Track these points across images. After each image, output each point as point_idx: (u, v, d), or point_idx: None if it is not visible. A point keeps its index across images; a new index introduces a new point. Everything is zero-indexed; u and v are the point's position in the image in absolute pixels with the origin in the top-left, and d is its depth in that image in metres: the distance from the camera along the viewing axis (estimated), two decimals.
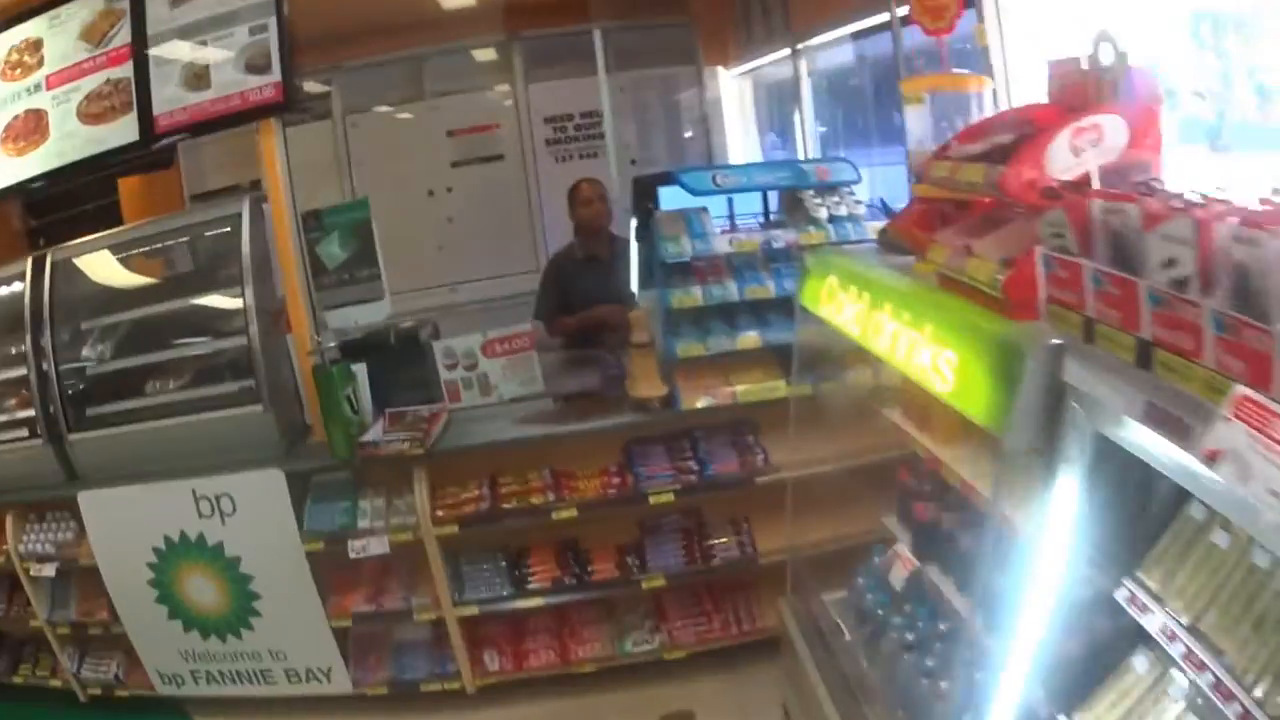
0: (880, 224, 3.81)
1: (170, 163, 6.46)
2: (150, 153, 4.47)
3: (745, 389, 3.93)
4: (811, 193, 4.01)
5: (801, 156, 6.14)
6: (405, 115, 7.12)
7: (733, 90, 7.34)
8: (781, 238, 3.87)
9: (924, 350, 2.13)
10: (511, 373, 4.14)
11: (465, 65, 7.16)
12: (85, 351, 4.44)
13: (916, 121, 3.21)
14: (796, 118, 6.32)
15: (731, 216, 4.08)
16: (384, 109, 7.14)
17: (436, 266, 6.99)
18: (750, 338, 3.89)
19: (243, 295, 4.06)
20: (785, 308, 3.73)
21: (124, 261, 4.52)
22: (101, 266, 4.50)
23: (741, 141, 7.43)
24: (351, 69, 6.92)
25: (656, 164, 6.80)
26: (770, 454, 4.01)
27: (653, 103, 7.31)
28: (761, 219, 4.22)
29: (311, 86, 6.58)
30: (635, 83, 7.14)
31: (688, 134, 7.37)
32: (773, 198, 4.28)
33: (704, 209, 3.98)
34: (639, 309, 3.91)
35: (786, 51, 6.27)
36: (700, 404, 3.93)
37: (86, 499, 4.14)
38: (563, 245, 5.24)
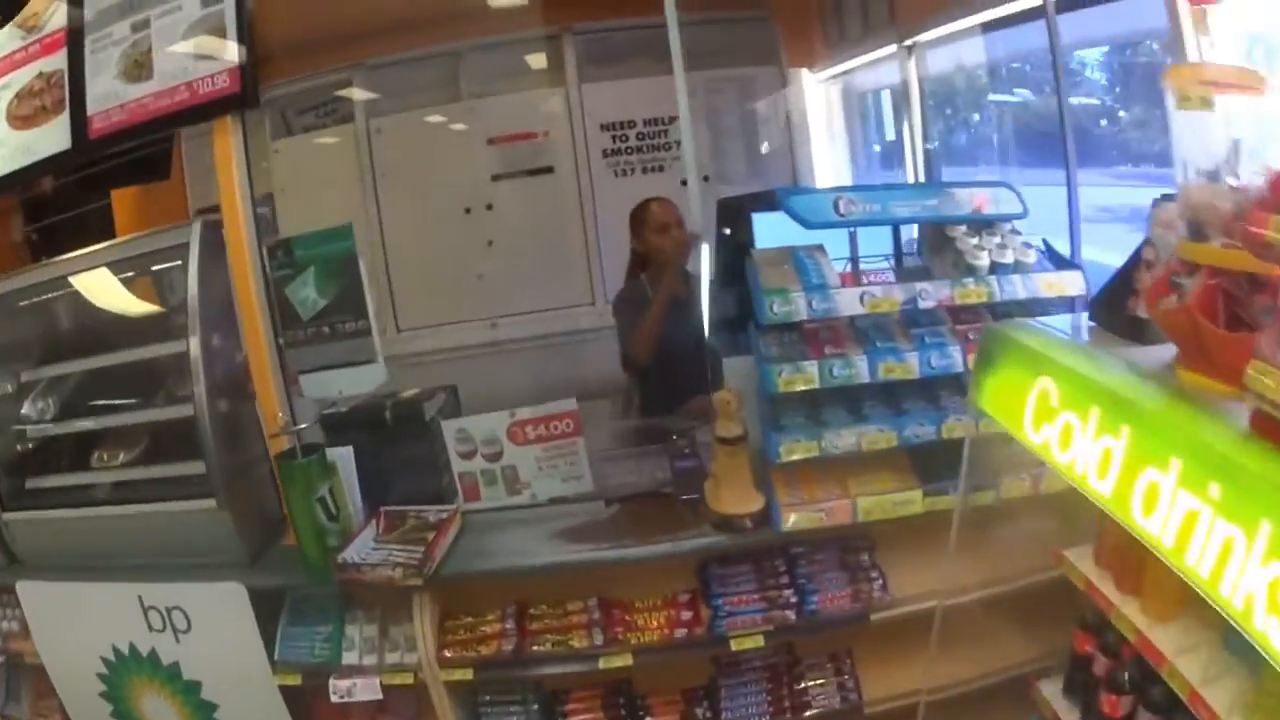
0: (1056, 278, 2.80)
1: (167, 173, 5.44)
2: (138, 160, 3.88)
3: (869, 503, 2.83)
4: (964, 229, 2.89)
5: (910, 178, 5.01)
6: (439, 119, 5.97)
7: (819, 96, 6.17)
8: (931, 294, 2.73)
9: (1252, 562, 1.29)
10: (549, 466, 3.07)
11: (509, 62, 5.97)
12: (25, 409, 3.52)
13: (1195, 135, 1.96)
14: (905, 129, 5.16)
15: (855, 260, 2.95)
16: (414, 112, 6.01)
17: (474, 297, 5.80)
18: (883, 436, 2.77)
19: (188, 350, 3.08)
20: (925, 391, 2.81)
21: (71, 299, 3.56)
22: (47, 305, 3.59)
23: (830, 158, 6.23)
24: (376, 66, 5.85)
25: (731, 182, 5.68)
26: (889, 577, 2.97)
27: (726, 110, 6.14)
28: (891, 263, 3.09)
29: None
30: (705, 86, 5.96)
31: (763, 147, 6.21)
32: (900, 233, 3.21)
33: (820, 247, 2.88)
34: (727, 391, 2.79)
35: (890, 48, 5.10)
36: (806, 524, 2.82)
37: (27, 590, 3.36)
38: (625, 283, 4.22)
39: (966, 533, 2.53)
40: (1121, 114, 5.89)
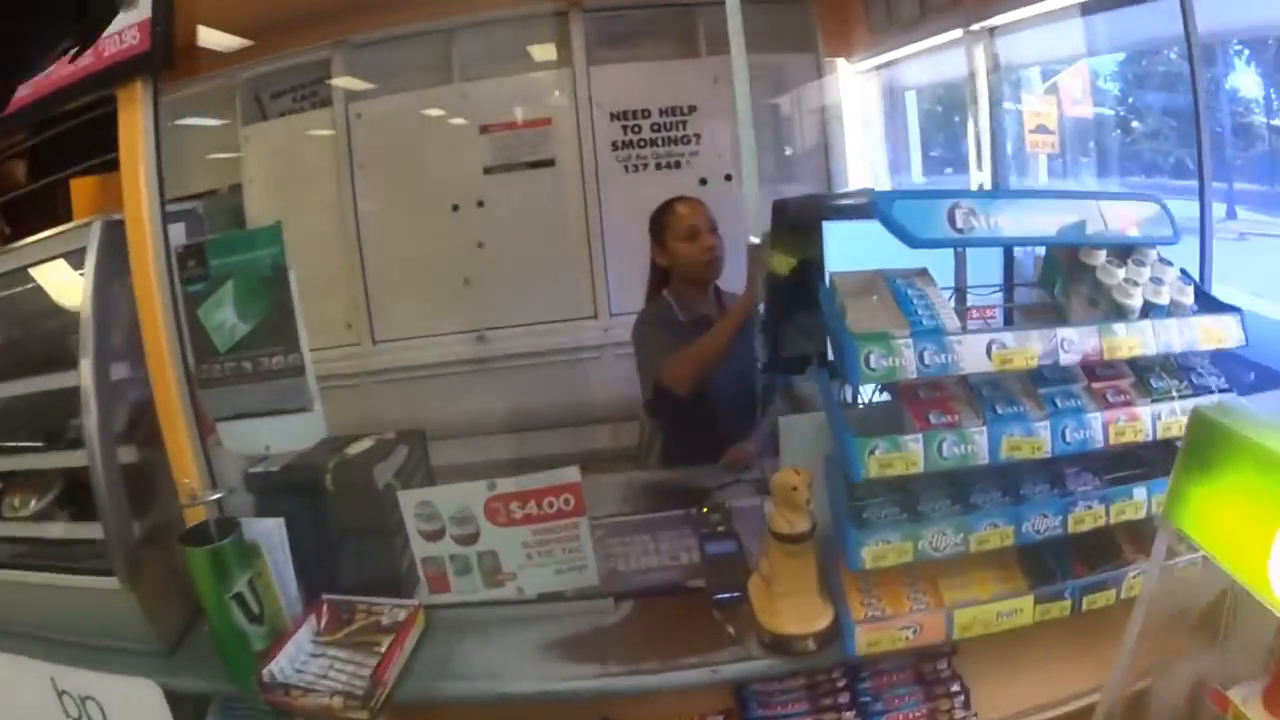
0: (1214, 324, 2.11)
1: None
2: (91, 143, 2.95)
3: (968, 616, 2.06)
4: (1105, 255, 2.13)
5: (974, 184, 4.23)
6: (426, 104, 5.16)
7: (861, 89, 5.38)
8: (1075, 345, 1.96)
9: None
10: (542, 553, 2.31)
11: (508, 42, 5.15)
12: None
13: None
14: (970, 129, 4.38)
15: (961, 291, 2.21)
16: (399, 96, 5.20)
17: (461, 306, 5.03)
18: (996, 533, 2.01)
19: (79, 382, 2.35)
20: (1046, 466, 2.08)
21: None
22: None
23: (872, 160, 5.47)
24: (360, 45, 5.03)
25: (760, 182, 4.89)
26: (973, 690, 2.23)
27: (754, 101, 5.33)
28: (1002, 296, 2.33)
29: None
30: (731, 74, 5.17)
31: (796, 144, 5.41)
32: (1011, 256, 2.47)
33: (924, 273, 2.14)
34: (791, 471, 2.01)
35: (955, 34, 4.32)
36: (888, 646, 2.07)
37: None
38: (645, 303, 3.55)
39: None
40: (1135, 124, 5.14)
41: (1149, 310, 2.05)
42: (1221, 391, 2.13)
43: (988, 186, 4.25)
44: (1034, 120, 4.29)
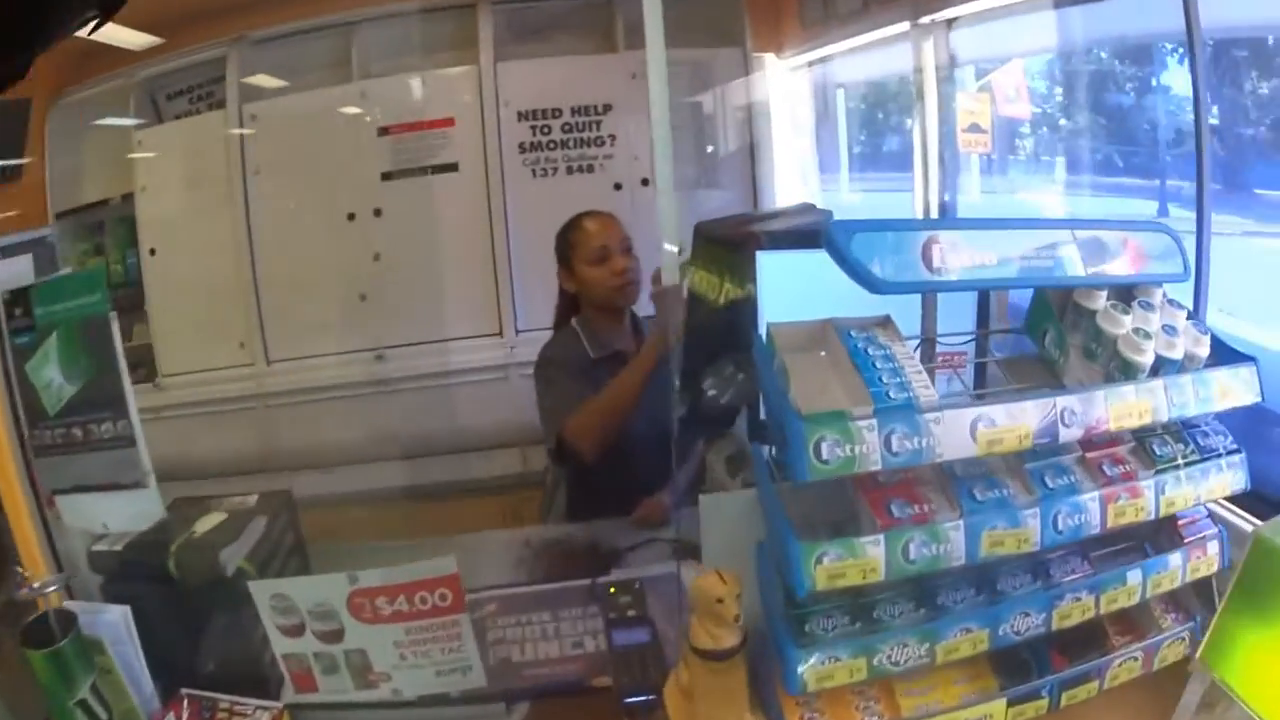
0: (1229, 379, 1.74)
1: (13, 171, 4.39)
2: None
3: None
4: (1104, 298, 1.73)
5: (920, 195, 3.86)
6: (323, 104, 4.66)
7: (792, 87, 4.98)
8: (1078, 418, 1.55)
9: None
10: (418, 653, 1.86)
11: (412, 34, 4.71)
12: None
13: None
14: (915, 134, 4.00)
15: (931, 341, 1.79)
16: (294, 96, 4.70)
17: (357, 323, 4.59)
18: (969, 639, 1.61)
19: None
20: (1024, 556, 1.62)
21: None
22: None
23: (803, 163, 5.08)
24: (256, 41, 4.57)
25: (678, 188, 4.46)
26: None
27: (674, 99, 4.87)
28: (974, 347, 1.91)
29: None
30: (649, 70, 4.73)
31: (720, 146, 4.99)
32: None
33: (887, 322, 1.69)
34: (714, 575, 1.57)
35: (902, 27, 3.95)
36: None
37: None
38: (553, 334, 3.12)
39: None
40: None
41: (1159, 365, 1.65)
42: (1229, 454, 1.76)
43: (934, 191, 3.90)
44: (967, 119, 3.95)
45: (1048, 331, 1.79)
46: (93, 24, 1.78)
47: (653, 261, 2.59)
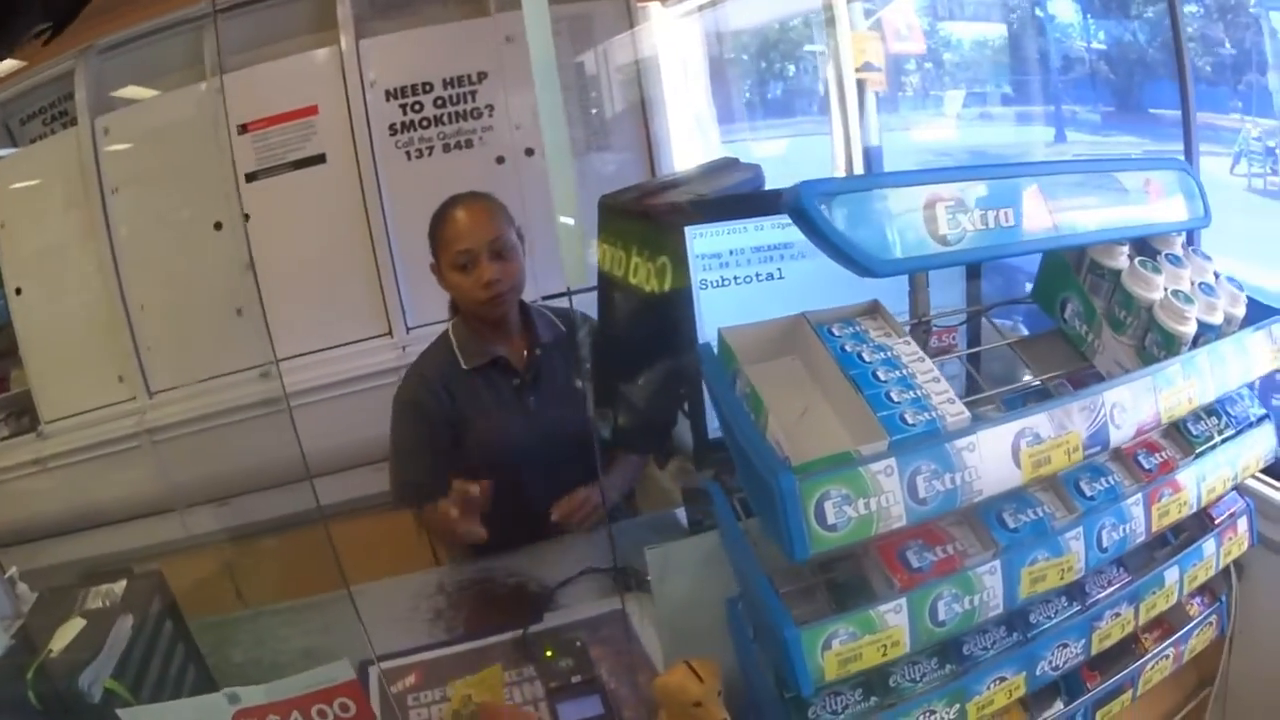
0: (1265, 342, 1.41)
1: None
2: None
3: None
4: (1126, 254, 1.36)
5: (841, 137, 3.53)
6: (176, 106, 4.14)
7: (679, 35, 4.56)
8: (1128, 413, 1.18)
9: None
10: None
11: (265, 22, 4.22)
12: None
13: None
14: (828, 71, 3.67)
15: (925, 324, 1.41)
16: (144, 103, 4.18)
17: (237, 341, 4.02)
18: (1004, 689, 1.27)
19: None
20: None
21: None
22: None
23: (698, 120, 4.68)
24: (106, 49, 4.05)
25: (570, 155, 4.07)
26: None
27: (558, 57, 4.45)
28: (964, 332, 1.53)
29: None
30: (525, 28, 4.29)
31: (606, 107, 4.58)
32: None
33: (876, 310, 1.28)
34: (681, 671, 1.19)
35: None
36: None
37: None
38: (428, 350, 2.66)
39: None
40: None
41: (1199, 333, 1.30)
42: (1260, 421, 1.45)
43: (855, 132, 3.58)
44: (860, 58, 3.73)
45: (1068, 301, 1.42)
46: (45, 36, 1.72)
47: (546, 238, 2.21)
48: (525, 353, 2.46)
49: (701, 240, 1.34)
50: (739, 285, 1.37)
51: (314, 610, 2.33)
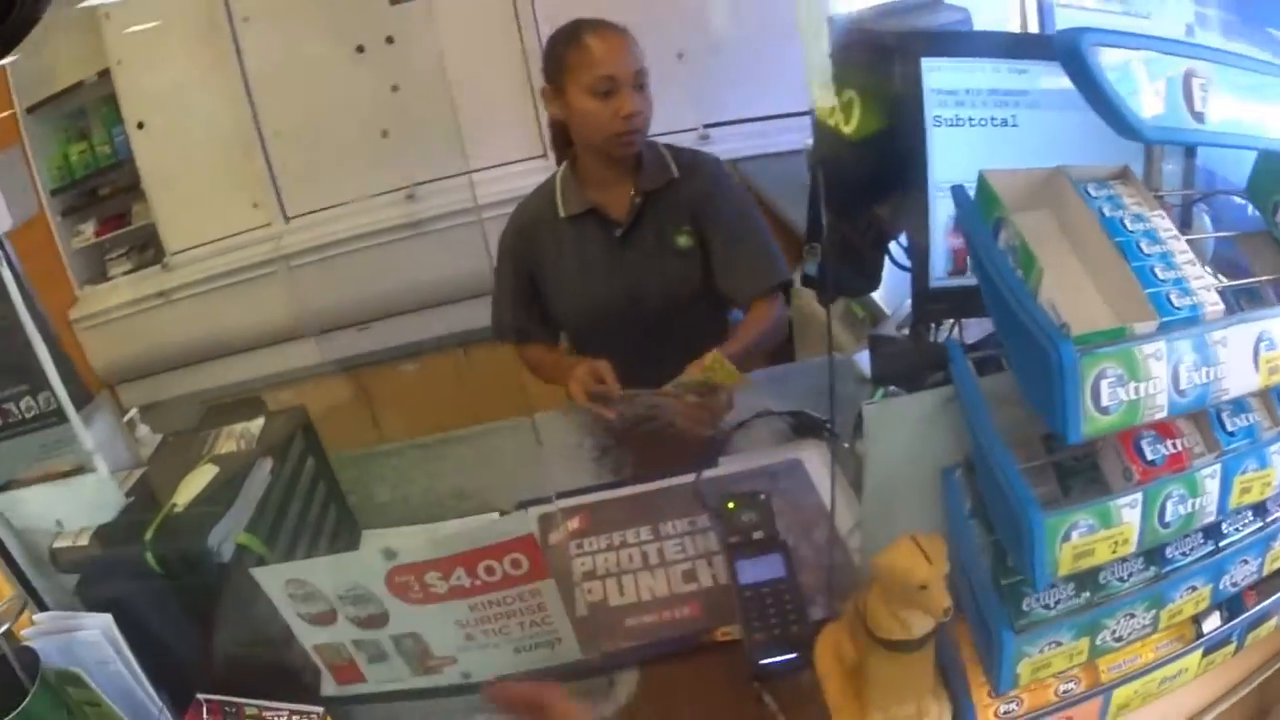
0: None
1: None
2: None
3: (1129, 692, 1.28)
4: None
5: None
6: None
7: None
8: None
9: None
10: (490, 631, 1.43)
11: None
12: None
13: None
14: None
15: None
16: None
17: (381, 164, 4.01)
18: (1192, 599, 1.18)
19: None
20: None
21: None
22: None
23: None
24: None
25: None
26: None
27: None
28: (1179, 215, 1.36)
29: None
30: None
31: None
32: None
33: (1128, 175, 1.12)
34: (910, 549, 1.10)
35: None
36: None
37: None
38: (529, 197, 2.53)
39: None
40: None
41: None
42: None
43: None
44: None
45: None
46: None
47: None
48: (629, 199, 2.32)
49: (937, 75, 1.20)
50: (972, 127, 1.22)
51: (464, 444, 2.28)
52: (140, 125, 3.78)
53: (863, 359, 1.93)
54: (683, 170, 2.33)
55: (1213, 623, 1.26)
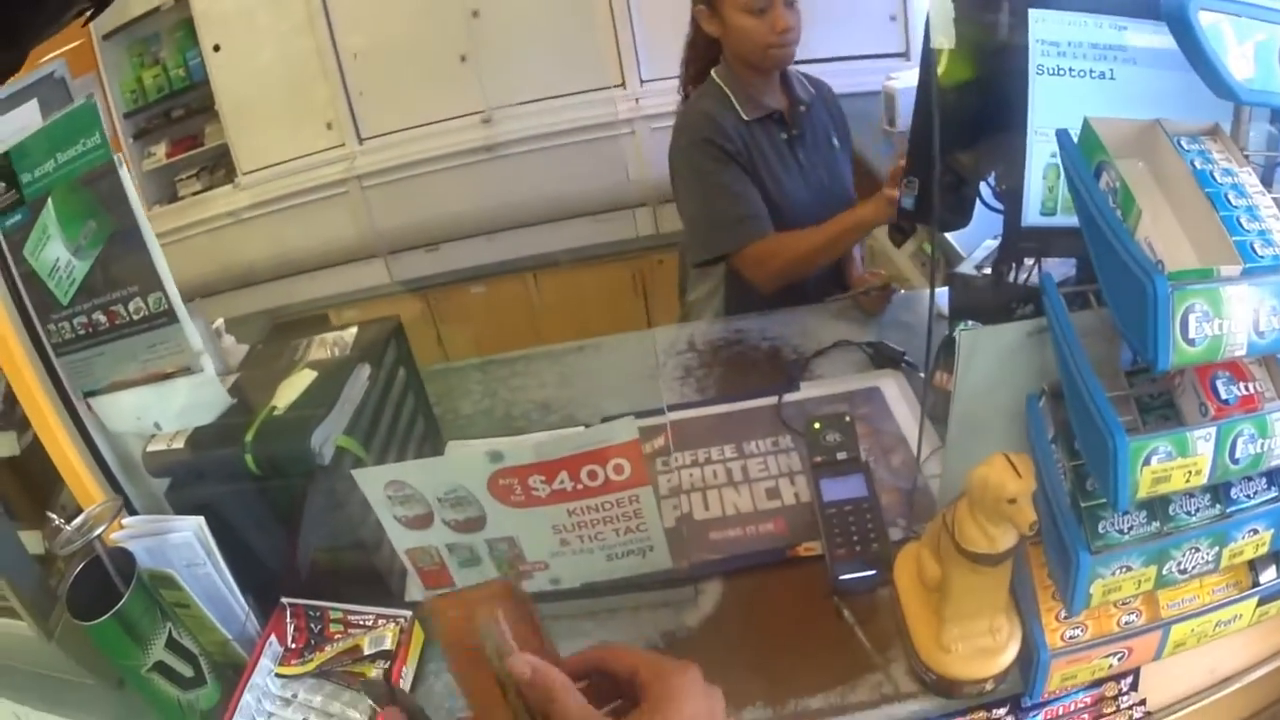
0: None
1: None
2: None
3: (1185, 631, 1.34)
4: None
5: None
6: None
7: None
8: None
9: None
10: (586, 538, 1.54)
11: None
12: None
13: None
14: None
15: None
16: None
17: (459, 87, 4.04)
18: (1254, 541, 1.23)
19: None
20: None
21: None
22: None
23: None
24: None
25: None
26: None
27: None
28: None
29: None
30: None
31: None
32: None
33: (1217, 132, 1.19)
34: (1002, 465, 1.18)
35: None
36: (1086, 677, 1.38)
37: None
38: (695, 92, 2.61)
39: None
40: None
41: None
42: None
43: None
44: None
45: None
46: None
47: None
48: (793, 107, 2.48)
49: (1043, 25, 1.27)
50: (1072, 77, 1.30)
51: (548, 360, 2.37)
52: (216, 48, 3.85)
53: (939, 295, 2.01)
54: (817, 89, 2.54)
55: (1270, 574, 1.33)
